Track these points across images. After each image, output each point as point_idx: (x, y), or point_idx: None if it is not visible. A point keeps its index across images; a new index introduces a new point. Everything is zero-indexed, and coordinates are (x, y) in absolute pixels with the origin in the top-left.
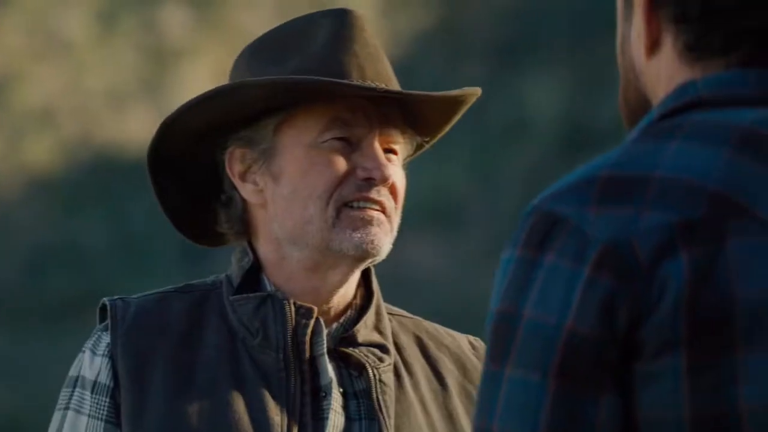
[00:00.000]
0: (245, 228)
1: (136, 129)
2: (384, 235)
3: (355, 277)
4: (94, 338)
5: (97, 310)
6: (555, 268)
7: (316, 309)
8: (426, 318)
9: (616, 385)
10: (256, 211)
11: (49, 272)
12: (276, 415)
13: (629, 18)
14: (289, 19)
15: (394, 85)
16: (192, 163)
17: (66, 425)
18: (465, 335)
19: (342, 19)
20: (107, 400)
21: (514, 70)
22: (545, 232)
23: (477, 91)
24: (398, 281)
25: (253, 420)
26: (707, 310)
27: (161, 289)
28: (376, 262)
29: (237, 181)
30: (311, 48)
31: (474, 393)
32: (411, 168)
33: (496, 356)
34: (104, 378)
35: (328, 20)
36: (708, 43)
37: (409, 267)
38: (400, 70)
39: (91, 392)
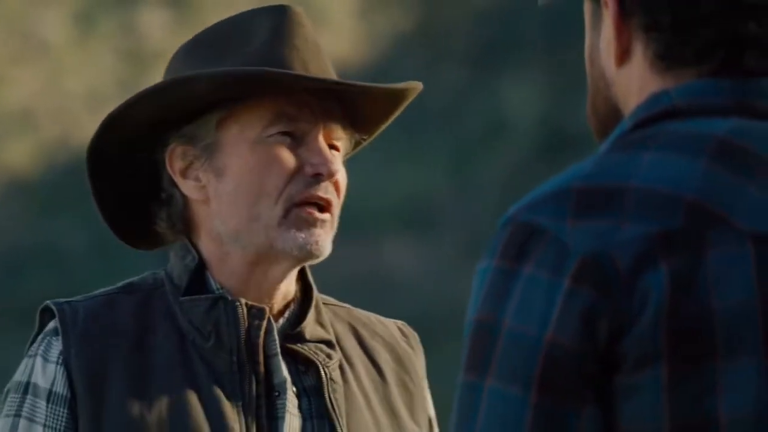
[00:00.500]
0: (185, 226)
1: None
2: (327, 236)
3: (294, 273)
4: (43, 343)
5: (38, 313)
6: (533, 279)
7: (267, 309)
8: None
9: (597, 397)
10: (197, 208)
11: (26, 273)
12: (233, 417)
13: (597, 27)
14: None
15: (336, 79)
16: (128, 162)
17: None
18: (393, 321)
19: (280, 15)
20: (65, 411)
21: (492, 72)
22: (522, 243)
23: (418, 85)
24: (377, 284)
25: (212, 424)
26: (687, 321)
27: (104, 291)
28: (316, 262)
29: (178, 178)
30: (251, 45)
31: (409, 383)
32: (390, 171)
33: (475, 366)
34: (60, 388)
35: (265, 17)
36: (679, 52)
37: (389, 270)
38: (378, 72)
39: (47, 402)
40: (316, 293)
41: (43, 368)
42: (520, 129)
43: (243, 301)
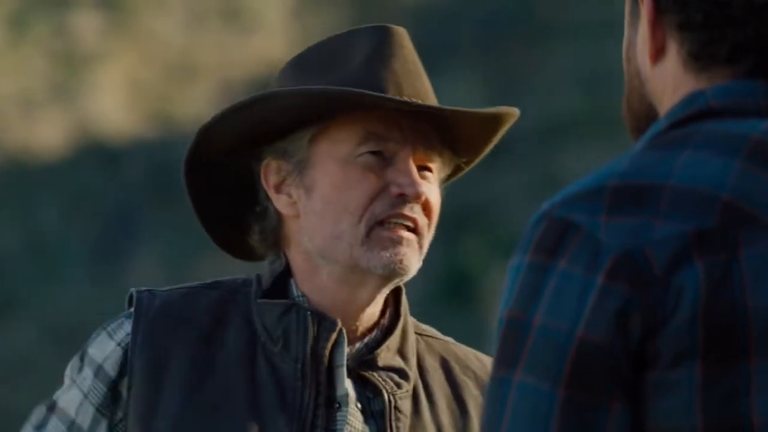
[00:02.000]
0: (277, 240)
1: (48, 133)
2: (413, 254)
3: (383, 295)
4: (117, 322)
5: (126, 298)
6: (567, 275)
7: (339, 321)
8: None
9: (626, 394)
10: (289, 223)
11: None
12: (286, 425)
13: (635, 24)
14: (200, 24)
15: (432, 102)
16: (228, 174)
17: (66, 394)
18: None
19: (382, 35)
20: (104, 390)
21: (428, 72)
22: (556, 239)
23: (514, 111)
24: None
25: (261, 426)
26: (722, 320)
27: (190, 284)
28: (404, 281)
29: (272, 193)
30: (350, 64)
31: None
32: None
33: (505, 361)
34: (110, 367)
35: (368, 36)
36: (712, 52)
37: None
38: None
39: (94, 375)
40: (404, 322)
41: (104, 344)
42: None
43: (315, 311)
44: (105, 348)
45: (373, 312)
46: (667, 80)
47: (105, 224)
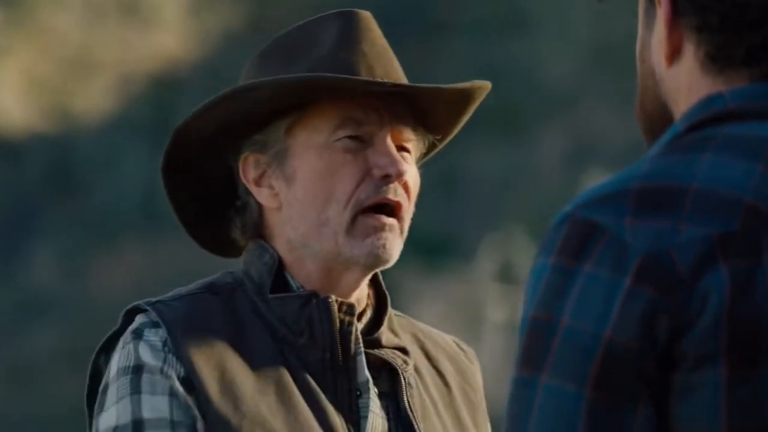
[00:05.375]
0: (257, 232)
1: None
2: (394, 240)
3: (367, 280)
4: (139, 335)
5: (123, 313)
6: (593, 277)
7: (356, 305)
8: None
9: (652, 396)
10: (270, 215)
11: None
12: (333, 413)
13: (650, 25)
14: (98, 19)
15: (404, 82)
16: (205, 171)
17: (144, 407)
18: (448, 335)
19: (348, 20)
20: (181, 386)
21: None
22: (582, 241)
23: (486, 84)
24: None
25: (318, 419)
26: (746, 324)
27: (186, 291)
28: (387, 267)
29: (252, 187)
30: (319, 50)
31: (471, 394)
32: None
33: (531, 363)
34: (175, 368)
35: (334, 22)
36: (730, 54)
37: None
38: (210, 72)
39: (164, 376)
40: (389, 301)
41: (151, 351)
42: None
43: (334, 297)
44: (156, 354)
45: (360, 296)
46: (683, 81)
47: (2, 219)
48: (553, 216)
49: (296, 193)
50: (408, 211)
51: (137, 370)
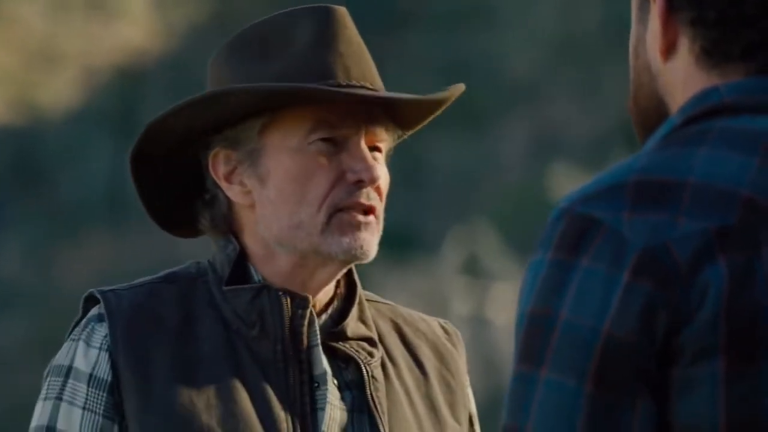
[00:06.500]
0: (228, 226)
1: None
2: (372, 238)
3: (341, 273)
4: (87, 329)
5: (82, 301)
6: (591, 272)
7: (311, 298)
8: None
9: (652, 390)
10: (242, 211)
11: None
12: (278, 406)
13: (644, 20)
14: (63, 11)
15: (379, 84)
16: (174, 162)
17: (60, 416)
18: (435, 318)
19: (324, 17)
20: (105, 395)
21: None
22: (578, 235)
23: (461, 87)
24: None
25: (258, 412)
26: (744, 317)
27: (145, 280)
28: (365, 262)
29: (222, 183)
30: (295, 48)
31: (450, 381)
32: None
33: (530, 357)
34: (103, 372)
35: (309, 18)
36: (726, 49)
37: None
38: (175, 65)
39: (87, 385)
40: (360, 291)
41: (85, 353)
42: None
43: (287, 290)
44: (89, 357)
45: (330, 287)
46: (679, 76)
47: None
48: (518, 208)
49: (269, 194)
50: (381, 211)
51: (67, 373)
